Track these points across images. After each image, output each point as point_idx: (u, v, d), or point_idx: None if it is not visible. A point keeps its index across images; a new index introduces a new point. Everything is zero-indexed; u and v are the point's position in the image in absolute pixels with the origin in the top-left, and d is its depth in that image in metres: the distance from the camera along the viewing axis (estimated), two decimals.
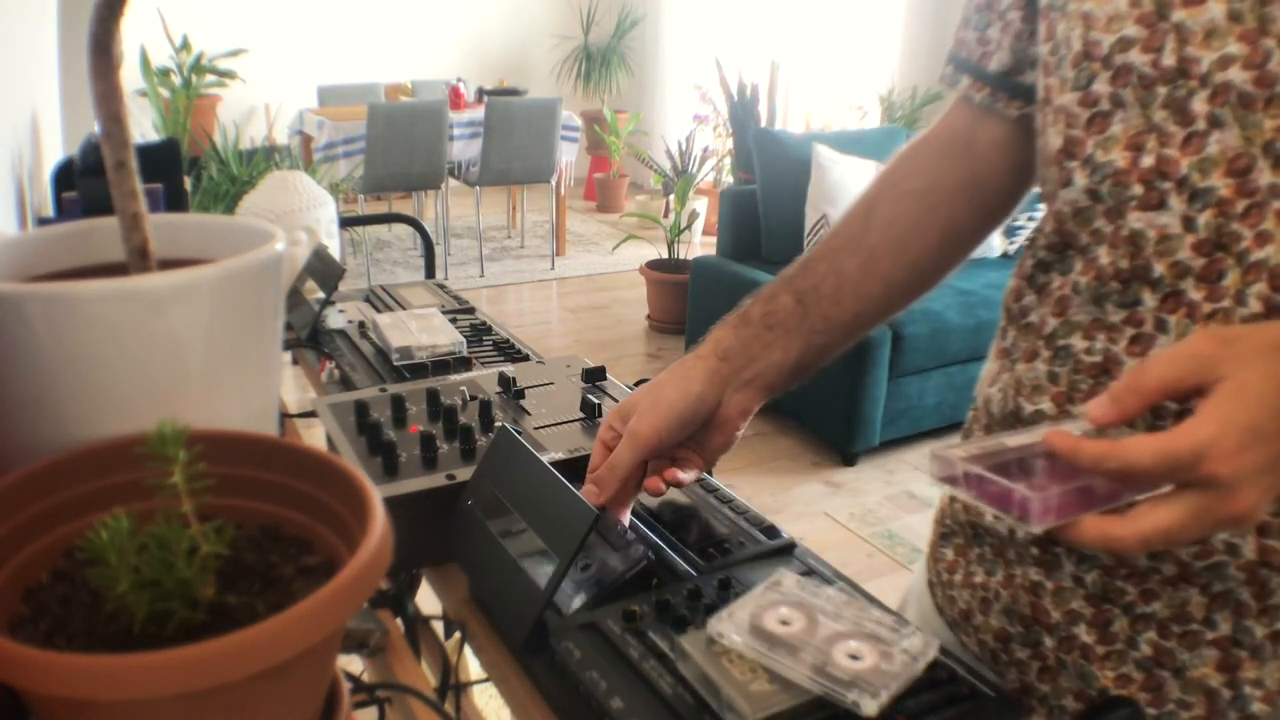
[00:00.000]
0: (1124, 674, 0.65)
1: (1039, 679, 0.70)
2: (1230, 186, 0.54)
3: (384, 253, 5.45)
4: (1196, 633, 0.62)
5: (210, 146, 3.79)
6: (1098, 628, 0.65)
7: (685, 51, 6.78)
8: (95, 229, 0.59)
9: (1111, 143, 0.58)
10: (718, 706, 0.54)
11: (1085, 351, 0.62)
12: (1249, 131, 0.52)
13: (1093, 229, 0.61)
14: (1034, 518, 0.47)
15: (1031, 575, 0.68)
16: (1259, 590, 0.59)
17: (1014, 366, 0.69)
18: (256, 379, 0.54)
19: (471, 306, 1.31)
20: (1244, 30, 0.52)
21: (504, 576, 0.68)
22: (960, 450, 0.52)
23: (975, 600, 0.74)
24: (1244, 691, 0.62)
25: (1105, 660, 0.66)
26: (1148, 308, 0.58)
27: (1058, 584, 0.67)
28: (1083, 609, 0.66)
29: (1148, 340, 0.59)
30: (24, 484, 0.45)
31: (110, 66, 0.48)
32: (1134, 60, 0.57)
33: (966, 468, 0.50)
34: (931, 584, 0.80)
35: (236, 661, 0.35)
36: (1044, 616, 0.68)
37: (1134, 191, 0.57)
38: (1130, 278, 0.59)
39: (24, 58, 1.63)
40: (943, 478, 0.52)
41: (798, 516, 2.85)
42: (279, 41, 6.34)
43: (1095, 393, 0.61)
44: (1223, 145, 0.54)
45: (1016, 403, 0.68)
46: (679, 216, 4.35)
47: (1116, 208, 0.59)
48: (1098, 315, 0.62)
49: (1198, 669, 0.63)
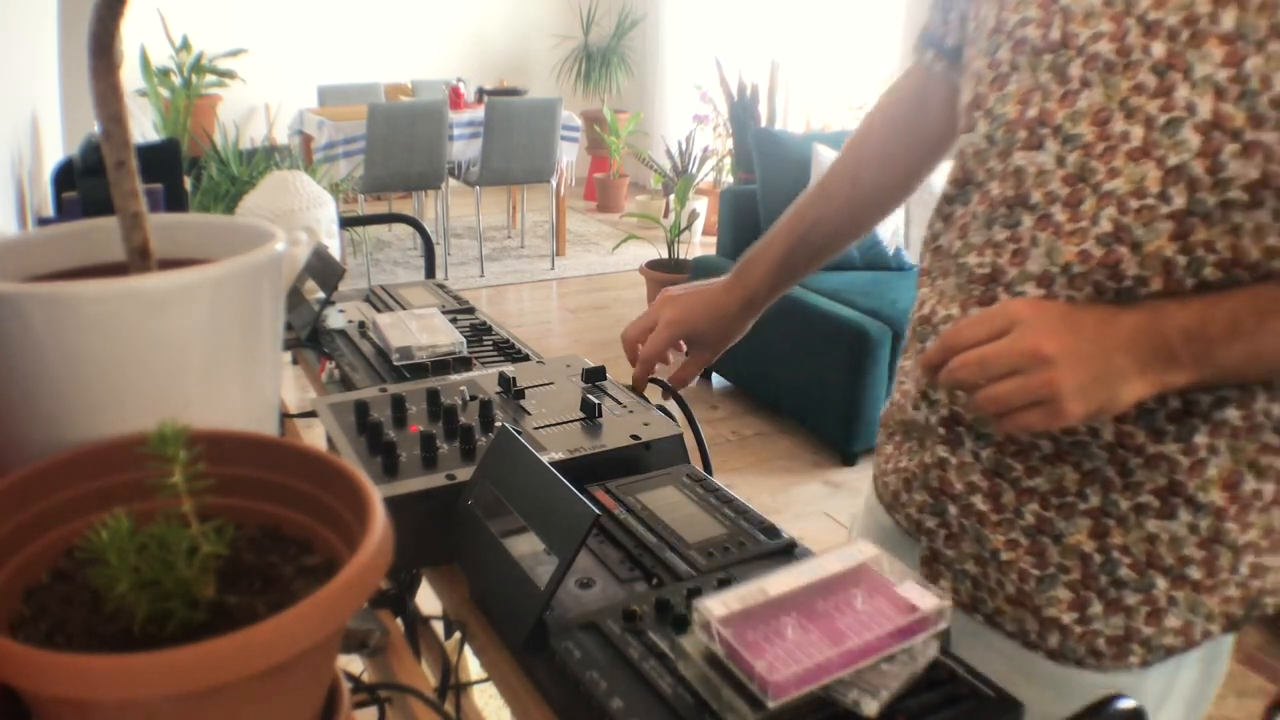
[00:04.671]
0: (1012, 539, 0.77)
1: (945, 545, 0.82)
2: (1093, 133, 0.67)
3: (384, 253, 5.45)
4: (1071, 504, 0.74)
5: (210, 146, 3.79)
6: (991, 498, 0.77)
7: (685, 51, 6.78)
8: (95, 229, 0.59)
9: (1007, 98, 0.73)
10: (718, 706, 0.54)
11: (978, 266, 0.76)
12: (1110, 90, 0.66)
13: (987, 167, 0.76)
14: (770, 693, 0.52)
15: (939, 452, 0.81)
16: (1121, 468, 0.72)
17: (931, 283, 0.84)
18: (256, 379, 0.54)
19: (471, 306, 1.31)
20: (1113, 13, 0.67)
21: (504, 576, 0.68)
22: (720, 608, 0.56)
23: (901, 482, 0.87)
24: (1113, 556, 0.74)
25: (997, 526, 0.78)
26: (1025, 227, 0.72)
27: (960, 459, 0.79)
28: (979, 481, 0.78)
29: (1024, 254, 0.72)
30: (24, 484, 0.45)
31: (110, 66, 0.49)
32: (1029, 34, 0.72)
33: (719, 630, 0.55)
34: (875, 477, 0.95)
35: (236, 661, 0.35)
36: (949, 488, 0.81)
37: (1019, 136, 0.72)
38: (1014, 204, 0.72)
39: (24, 58, 1.63)
40: (701, 627, 0.56)
41: (798, 517, 2.85)
42: (279, 41, 6.34)
43: (984, 299, 0.75)
44: (1090, 101, 0.68)
45: (933, 310, 0.82)
46: (679, 216, 4.35)
47: (1006, 149, 0.73)
48: (988, 236, 0.75)
49: (1073, 536, 0.74)
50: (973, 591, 0.81)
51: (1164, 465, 0.71)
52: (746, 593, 0.57)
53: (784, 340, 3.27)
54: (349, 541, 0.43)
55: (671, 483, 0.82)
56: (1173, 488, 0.71)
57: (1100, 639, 0.75)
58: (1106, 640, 0.75)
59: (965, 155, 0.79)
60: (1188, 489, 0.71)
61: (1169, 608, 0.74)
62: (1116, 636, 0.75)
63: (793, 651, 0.54)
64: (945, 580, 0.82)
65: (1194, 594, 0.74)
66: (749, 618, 0.56)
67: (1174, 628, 0.75)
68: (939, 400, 0.80)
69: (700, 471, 0.84)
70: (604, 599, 0.67)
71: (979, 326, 0.66)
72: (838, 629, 0.55)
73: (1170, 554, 0.73)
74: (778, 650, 0.54)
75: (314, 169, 4.49)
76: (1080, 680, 0.77)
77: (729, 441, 3.32)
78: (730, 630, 0.54)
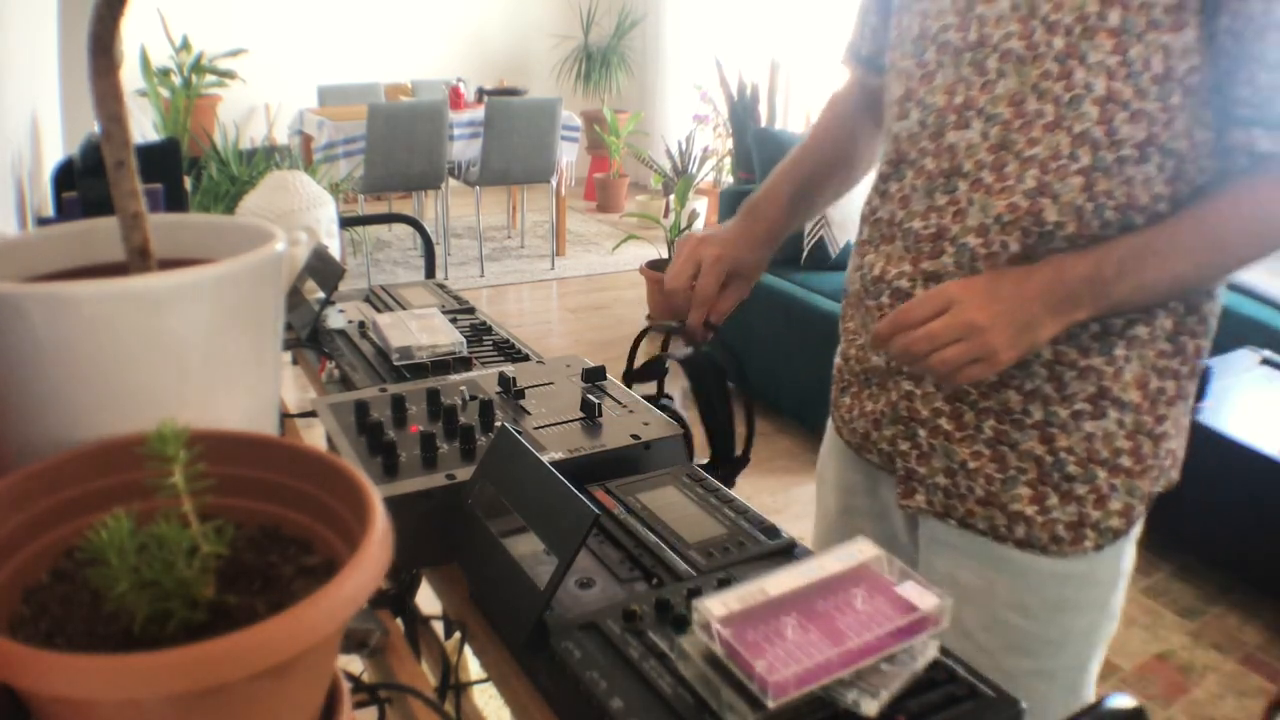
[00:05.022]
0: (976, 450, 0.92)
1: (917, 463, 0.96)
2: (1011, 112, 0.83)
3: (384, 253, 5.45)
4: (1019, 419, 0.89)
5: (210, 146, 3.79)
6: (954, 419, 0.92)
7: (685, 51, 6.78)
8: (95, 229, 0.59)
9: (935, 89, 0.89)
10: (718, 706, 0.54)
11: (923, 228, 0.91)
12: (1022, 78, 0.82)
13: (920, 146, 0.91)
14: (770, 693, 0.52)
15: (905, 386, 0.95)
16: (1057, 384, 0.88)
17: (876, 250, 0.97)
18: (256, 379, 0.54)
19: (471, 306, 1.31)
20: (1020, 15, 0.83)
21: (504, 576, 0.68)
22: (720, 608, 0.56)
23: (870, 423, 1.00)
24: (1060, 457, 0.89)
25: (961, 441, 0.92)
26: (962, 191, 0.87)
27: (924, 390, 0.94)
28: (942, 406, 0.92)
29: (963, 213, 0.87)
30: (24, 484, 0.45)
31: (110, 66, 0.49)
32: (950, 38, 0.88)
33: (719, 630, 0.55)
34: (838, 428, 1.09)
35: (236, 661, 0.35)
36: (917, 414, 0.95)
37: (950, 119, 0.87)
38: (950, 174, 0.88)
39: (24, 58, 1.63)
40: (701, 627, 0.56)
41: (798, 517, 2.85)
42: (279, 41, 6.33)
43: (933, 253, 0.90)
44: (1006, 87, 0.83)
45: (884, 270, 0.95)
46: (679, 216, 4.35)
47: (938, 130, 0.88)
48: (930, 203, 0.90)
49: (1026, 443, 0.90)
50: (945, 500, 0.95)
51: (1092, 375, 0.87)
52: (746, 593, 0.57)
53: (784, 340, 3.27)
54: (349, 541, 0.43)
55: (671, 483, 0.82)
56: (1101, 393, 0.88)
57: (1059, 525, 0.91)
58: (1065, 526, 0.90)
59: (899, 139, 0.94)
60: (1112, 392, 0.88)
61: (1110, 494, 0.90)
62: (1072, 523, 0.90)
63: (793, 651, 0.54)
64: (920, 494, 0.97)
65: (1129, 479, 0.90)
66: (749, 618, 0.56)
67: (1117, 510, 0.91)
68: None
69: (700, 471, 0.84)
70: (604, 599, 0.67)
71: (923, 307, 0.81)
72: (838, 629, 0.55)
73: (1105, 448, 0.89)
74: (778, 650, 0.54)
75: (314, 169, 4.49)
76: (1046, 566, 0.92)
77: None
78: (730, 630, 0.55)
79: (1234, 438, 2.31)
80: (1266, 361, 2.70)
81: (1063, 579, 0.92)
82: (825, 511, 1.18)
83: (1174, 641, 2.24)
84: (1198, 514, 2.31)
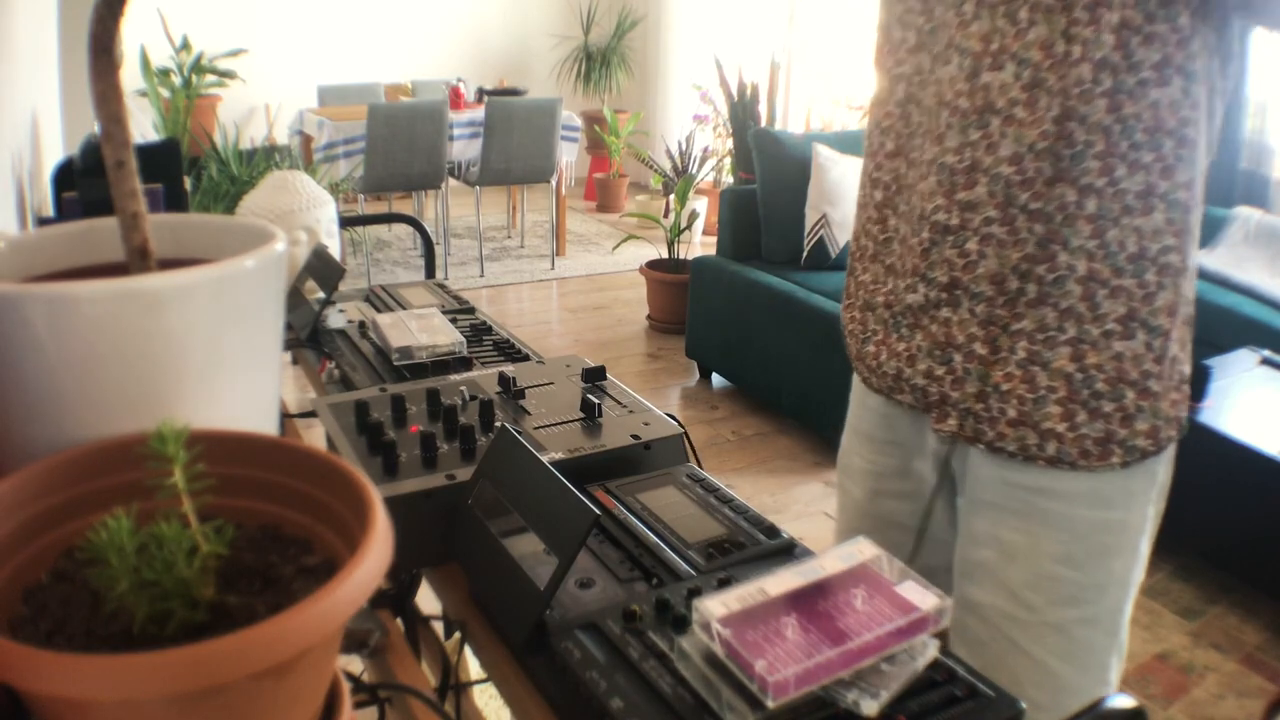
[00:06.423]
0: (1009, 373, 0.95)
1: (951, 389, 0.99)
2: (1040, 55, 0.87)
3: (384, 253, 5.45)
4: (1053, 337, 0.93)
5: (210, 146, 3.78)
6: (988, 343, 0.95)
7: (685, 51, 6.78)
8: (95, 229, 0.59)
9: (970, 36, 0.91)
10: (718, 706, 0.54)
11: (957, 162, 0.94)
12: (1051, 26, 0.86)
13: (956, 89, 0.94)
14: (770, 693, 0.52)
15: (943, 314, 0.98)
16: (1090, 303, 0.91)
17: (909, 189, 1.01)
18: (256, 379, 0.54)
19: (471, 306, 1.31)
20: None
21: (504, 576, 0.68)
22: (720, 608, 0.56)
23: (903, 361, 1.03)
24: (1090, 374, 0.92)
25: (995, 364, 0.95)
26: (995, 126, 0.91)
27: (960, 317, 0.96)
28: (977, 331, 0.96)
29: (995, 145, 0.91)
30: (24, 484, 0.45)
31: (110, 66, 0.49)
32: None
33: (719, 630, 0.55)
34: (865, 379, 1.12)
35: (236, 661, 0.35)
36: (953, 340, 0.97)
37: (985, 63, 0.91)
38: (983, 110, 0.91)
39: (24, 58, 1.63)
40: (701, 627, 0.56)
41: (798, 517, 2.85)
42: (279, 41, 6.34)
43: (968, 184, 0.93)
44: (1037, 34, 0.87)
45: (920, 206, 0.98)
46: (679, 216, 4.35)
47: (973, 73, 0.92)
48: (964, 139, 0.93)
49: (1057, 361, 0.93)
50: (975, 425, 0.98)
51: (1123, 296, 0.91)
52: (746, 593, 0.57)
53: (784, 340, 3.27)
54: (349, 541, 0.43)
55: (671, 483, 0.82)
56: (1130, 314, 0.91)
57: (1088, 441, 0.94)
58: (1093, 441, 0.94)
59: (940, 83, 0.99)
60: (1141, 313, 0.91)
61: (1137, 414, 0.93)
62: (1100, 439, 0.94)
63: (793, 651, 0.54)
64: (953, 419, 1.00)
65: (1155, 402, 0.94)
66: (749, 618, 0.56)
67: (1143, 430, 0.94)
68: (935, 276, 0.97)
69: (700, 471, 0.84)
70: (604, 599, 0.67)
71: None
72: (838, 629, 0.55)
73: (1134, 369, 0.92)
74: (778, 650, 0.54)
75: (314, 169, 4.48)
76: (1072, 482, 0.96)
77: (729, 441, 3.32)
78: (730, 630, 0.55)
79: (1234, 438, 2.31)
80: (1266, 361, 2.70)
81: (1102, 526, 0.96)
82: (851, 502, 1.20)
83: (1174, 641, 2.24)
84: (1198, 514, 2.31)
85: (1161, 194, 0.88)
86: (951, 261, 0.95)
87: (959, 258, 0.94)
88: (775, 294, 3.31)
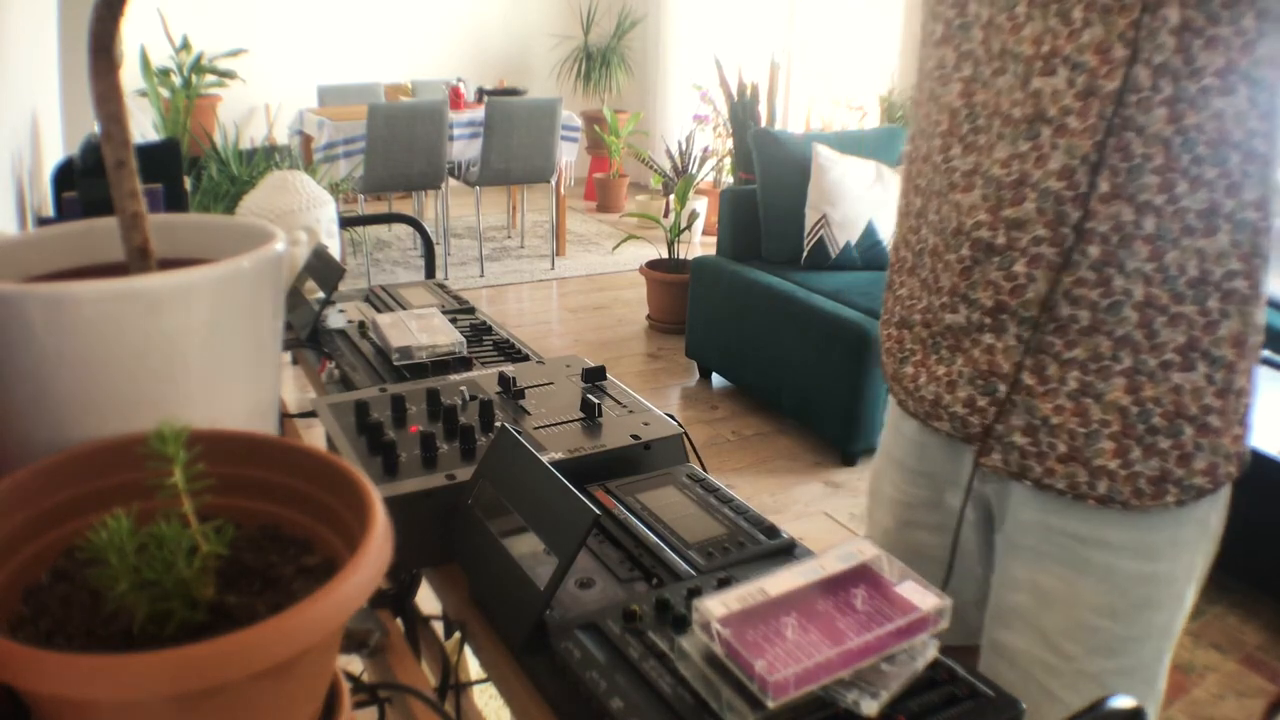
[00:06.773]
0: (1059, 405, 0.88)
1: (996, 420, 0.91)
2: (1095, 59, 0.81)
3: (384, 253, 5.45)
4: (1107, 367, 0.85)
5: (210, 146, 3.78)
6: (1036, 373, 0.88)
7: (685, 51, 6.78)
8: (95, 229, 0.59)
9: (1022, 40, 0.85)
10: (718, 706, 0.54)
11: (1005, 175, 0.87)
12: (1107, 27, 0.80)
13: (1012, 98, 0.87)
14: (770, 693, 0.52)
15: (986, 340, 0.91)
16: (1148, 331, 0.84)
17: (946, 197, 0.93)
18: (256, 379, 0.54)
19: (471, 306, 1.31)
20: None
21: (504, 576, 0.68)
22: (720, 608, 0.56)
23: (942, 386, 0.96)
24: (1147, 407, 0.85)
25: (1044, 396, 0.88)
26: (1045, 137, 0.84)
27: (1005, 344, 0.89)
28: (1025, 360, 0.88)
29: (1045, 157, 0.84)
30: (24, 484, 0.45)
31: (110, 66, 0.49)
32: None
33: (719, 630, 0.55)
34: (901, 402, 1.04)
35: (236, 661, 0.35)
36: (998, 369, 0.90)
37: (1036, 67, 0.84)
38: (1033, 119, 0.85)
39: (24, 58, 1.63)
40: (701, 627, 0.56)
41: (798, 516, 2.85)
42: (279, 41, 6.34)
43: (1015, 200, 0.86)
44: (1092, 35, 0.81)
45: (961, 222, 0.92)
46: (679, 216, 4.35)
47: (1025, 78, 0.85)
48: (1013, 150, 0.87)
49: (1111, 393, 0.86)
50: (1020, 460, 0.91)
51: (1183, 324, 0.83)
52: (746, 593, 0.57)
53: (784, 340, 3.27)
54: (349, 541, 0.43)
55: (671, 483, 0.82)
56: (1191, 344, 0.84)
57: (1142, 479, 0.87)
58: (1147, 480, 0.87)
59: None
60: (1202, 343, 0.84)
61: (1195, 452, 0.86)
62: (1154, 477, 0.87)
63: (793, 651, 0.54)
64: (997, 453, 0.93)
65: (1215, 439, 0.87)
66: (749, 618, 0.56)
67: (1201, 469, 0.87)
68: (978, 298, 0.90)
69: (700, 471, 0.84)
70: (604, 599, 0.67)
71: None
72: (838, 629, 0.55)
73: (1194, 403, 0.85)
74: (778, 650, 0.54)
75: (314, 169, 4.48)
76: (1119, 531, 0.89)
77: (729, 441, 3.32)
78: (730, 630, 0.55)
79: None
80: (1266, 361, 2.70)
81: (1147, 579, 0.90)
82: (880, 531, 1.14)
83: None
84: None
85: (1227, 213, 0.81)
86: (997, 284, 0.87)
87: (1005, 280, 0.87)
88: (775, 294, 3.31)
